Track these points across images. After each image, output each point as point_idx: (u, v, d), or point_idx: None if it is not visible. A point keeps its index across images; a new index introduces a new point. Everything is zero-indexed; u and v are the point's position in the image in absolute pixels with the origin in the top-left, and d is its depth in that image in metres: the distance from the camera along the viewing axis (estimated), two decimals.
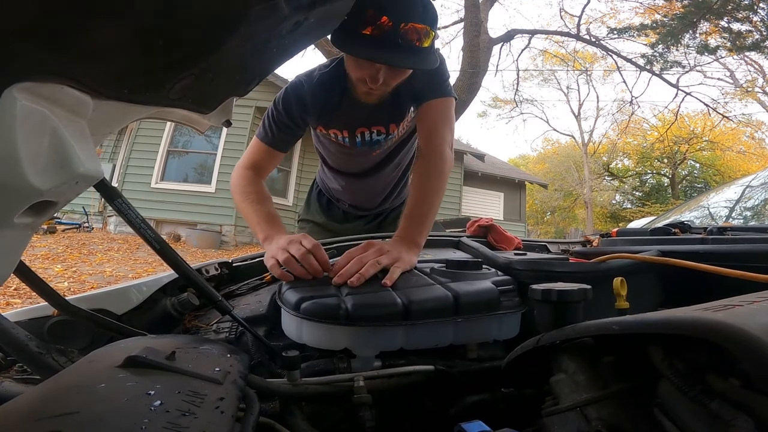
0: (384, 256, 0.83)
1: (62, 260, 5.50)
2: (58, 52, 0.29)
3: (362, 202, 1.61)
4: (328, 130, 1.25)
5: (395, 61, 0.93)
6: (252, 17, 0.36)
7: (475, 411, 0.64)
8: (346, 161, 1.42)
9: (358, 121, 1.22)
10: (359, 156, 1.35)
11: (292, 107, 1.17)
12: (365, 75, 1.00)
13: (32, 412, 0.34)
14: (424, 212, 1.01)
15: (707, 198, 2.02)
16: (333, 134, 1.25)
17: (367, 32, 0.88)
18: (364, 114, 1.19)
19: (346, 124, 1.22)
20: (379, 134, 1.25)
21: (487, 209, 12.81)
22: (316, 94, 1.15)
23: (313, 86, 1.15)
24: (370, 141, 1.26)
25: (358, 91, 1.09)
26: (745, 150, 19.84)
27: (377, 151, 1.34)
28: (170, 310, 0.78)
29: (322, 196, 1.70)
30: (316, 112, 1.18)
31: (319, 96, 1.16)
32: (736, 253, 0.80)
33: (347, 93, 1.15)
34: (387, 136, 1.26)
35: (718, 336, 0.31)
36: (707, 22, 9.13)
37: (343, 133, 1.24)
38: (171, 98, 0.41)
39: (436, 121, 1.12)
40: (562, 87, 21.34)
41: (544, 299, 0.54)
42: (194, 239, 7.91)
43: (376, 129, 1.24)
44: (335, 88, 1.15)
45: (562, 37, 11.79)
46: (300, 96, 1.16)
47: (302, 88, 1.16)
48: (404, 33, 0.89)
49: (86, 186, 0.36)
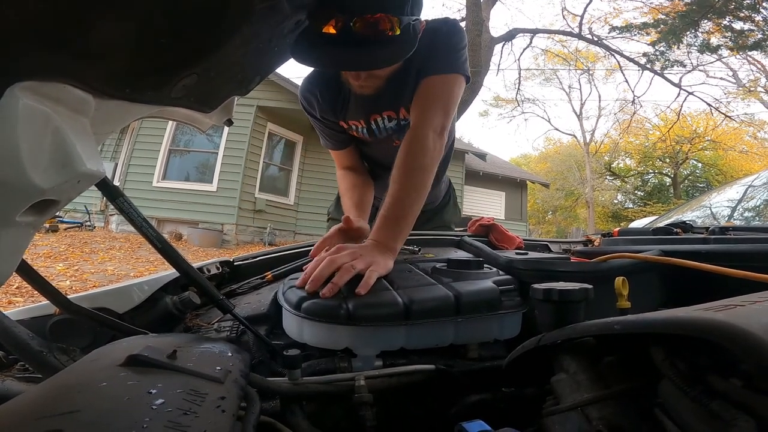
0: (358, 260, 0.76)
1: (64, 259, 5.52)
2: (60, 51, 0.29)
3: None
4: (348, 123, 1.25)
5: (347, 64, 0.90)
6: (254, 17, 0.36)
7: (476, 410, 0.64)
8: (374, 151, 1.41)
9: (369, 109, 1.18)
10: (381, 144, 1.30)
11: (314, 110, 1.20)
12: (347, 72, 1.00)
13: (34, 411, 0.34)
14: (399, 213, 0.91)
15: (709, 198, 2.02)
16: (353, 125, 1.25)
17: (327, 31, 0.79)
18: (372, 101, 1.14)
19: (361, 113, 1.20)
20: (390, 119, 1.19)
21: (489, 208, 12.80)
22: (322, 91, 1.16)
23: (322, 85, 1.16)
24: (385, 128, 1.22)
25: (352, 86, 1.07)
26: (747, 150, 19.79)
27: (396, 142, 1.26)
28: (171, 308, 0.78)
29: None
30: (330, 108, 1.19)
31: (325, 92, 1.16)
32: (738, 253, 0.80)
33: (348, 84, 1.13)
34: (399, 122, 1.19)
35: (719, 336, 0.31)
36: (709, 21, 9.11)
37: (360, 123, 1.23)
38: (173, 97, 0.41)
39: (426, 100, 1.02)
40: (564, 86, 21.35)
41: (545, 299, 0.54)
42: (196, 238, 7.92)
43: (386, 114, 1.18)
44: (341, 83, 1.13)
45: (564, 37, 11.77)
46: (309, 99, 1.19)
47: (314, 91, 1.17)
48: (364, 26, 0.79)
49: (88, 185, 0.37)
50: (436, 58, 1.02)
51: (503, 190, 13.56)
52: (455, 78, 1.03)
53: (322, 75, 1.15)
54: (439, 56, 1.02)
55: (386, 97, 1.12)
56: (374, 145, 1.33)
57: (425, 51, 0.99)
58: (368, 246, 0.84)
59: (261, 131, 8.86)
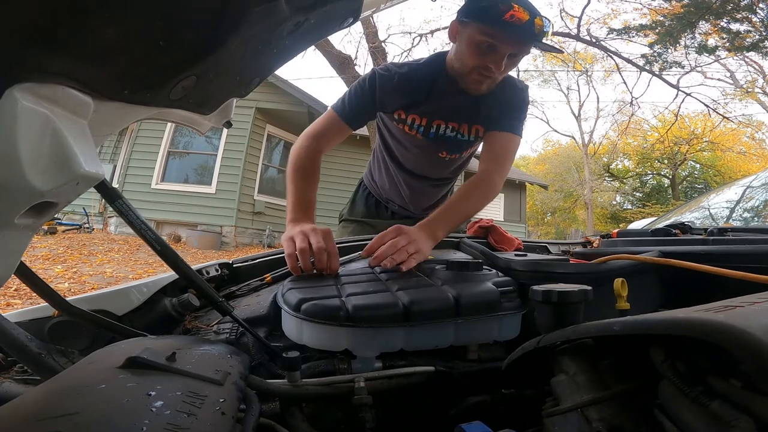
0: (411, 244, 0.89)
1: (63, 261, 5.51)
2: (59, 52, 0.29)
3: (410, 205, 1.65)
4: (407, 115, 1.31)
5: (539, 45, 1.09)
6: (253, 18, 0.36)
7: (476, 412, 0.64)
8: (412, 156, 1.48)
9: (438, 113, 1.30)
10: (426, 151, 1.41)
11: (377, 87, 1.24)
12: (488, 62, 1.10)
13: (33, 413, 0.34)
14: (455, 212, 1.08)
15: (708, 199, 2.02)
16: (411, 119, 1.31)
17: (507, 18, 1.01)
18: (445, 107, 1.28)
19: (426, 112, 1.30)
20: (452, 130, 1.33)
21: (488, 210, 12.79)
22: (406, 79, 1.24)
23: (404, 73, 1.24)
24: (442, 136, 1.33)
25: (468, 81, 1.17)
26: (745, 151, 19.84)
27: (443, 153, 1.41)
28: (171, 311, 0.78)
29: (370, 197, 1.75)
30: (400, 96, 1.26)
31: (409, 82, 1.23)
32: (737, 253, 0.80)
33: (438, 85, 1.24)
34: (457, 135, 1.34)
35: (719, 337, 0.31)
36: (706, 23, 9.14)
37: (421, 120, 1.31)
38: (172, 99, 0.41)
39: (503, 152, 1.24)
40: (563, 88, 21.41)
41: (544, 300, 0.54)
42: (195, 240, 7.91)
43: (451, 125, 1.32)
44: (426, 79, 1.24)
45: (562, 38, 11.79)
46: (388, 78, 1.24)
47: (392, 72, 1.24)
48: (537, 26, 1.04)
49: (87, 187, 0.36)
50: (516, 119, 1.25)
51: (502, 191, 13.50)
52: (519, 139, 1.26)
53: (415, 69, 1.25)
54: (519, 117, 1.26)
55: (463, 110, 1.29)
56: (417, 149, 1.42)
57: (506, 102, 1.24)
58: (419, 229, 0.98)
59: (260, 133, 8.87)
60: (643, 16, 10.97)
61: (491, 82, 1.16)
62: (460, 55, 1.16)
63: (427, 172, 1.53)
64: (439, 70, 1.24)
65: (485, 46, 1.08)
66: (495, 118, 1.25)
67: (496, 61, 1.10)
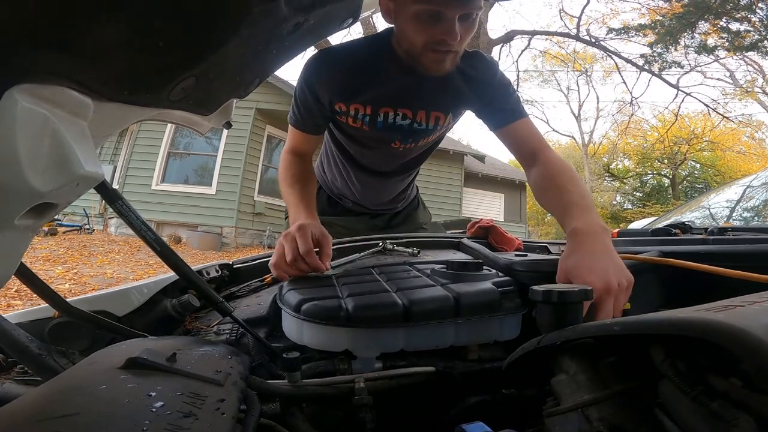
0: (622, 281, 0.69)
1: (63, 262, 5.51)
2: (58, 53, 0.29)
3: (366, 202, 1.55)
4: (348, 106, 1.14)
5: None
6: (252, 18, 0.36)
7: (476, 412, 0.64)
8: (360, 148, 1.31)
9: (384, 100, 1.13)
10: (376, 142, 1.25)
11: (314, 83, 1.09)
12: (438, 34, 0.91)
13: (33, 414, 0.34)
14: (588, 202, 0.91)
15: (708, 198, 2.02)
16: (353, 110, 1.14)
17: None
18: (393, 92, 1.11)
19: (371, 100, 1.13)
20: (404, 118, 1.15)
21: (488, 210, 12.80)
22: (341, 66, 1.08)
23: (337, 59, 1.09)
24: (392, 125, 1.16)
25: (426, 62, 0.97)
26: (745, 150, 19.85)
27: (396, 143, 1.23)
28: (171, 311, 0.78)
29: (322, 193, 1.60)
30: (337, 85, 1.10)
31: (344, 68, 1.08)
32: (737, 253, 0.80)
33: (383, 68, 1.08)
34: (412, 123, 1.16)
35: (719, 336, 0.31)
36: (706, 22, 9.14)
37: (366, 109, 1.14)
38: (171, 100, 0.41)
39: (535, 136, 1.12)
40: (562, 88, 21.42)
41: (544, 300, 0.54)
42: (195, 241, 7.92)
43: (402, 111, 1.14)
44: (368, 62, 1.08)
45: (562, 38, 11.81)
46: (321, 69, 1.09)
47: (323, 60, 1.09)
48: None
49: (87, 188, 0.36)
50: (516, 102, 1.13)
51: (502, 191, 13.56)
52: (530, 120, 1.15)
53: (352, 53, 1.10)
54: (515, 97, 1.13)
55: (414, 94, 1.12)
56: (366, 139, 1.25)
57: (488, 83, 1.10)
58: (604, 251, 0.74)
59: (260, 134, 8.87)
60: (642, 16, 11.00)
61: (453, 56, 0.97)
62: (404, 34, 0.97)
63: (378, 166, 1.37)
64: (382, 51, 1.07)
65: (426, 15, 0.89)
66: (494, 109, 1.11)
67: (448, 30, 0.89)
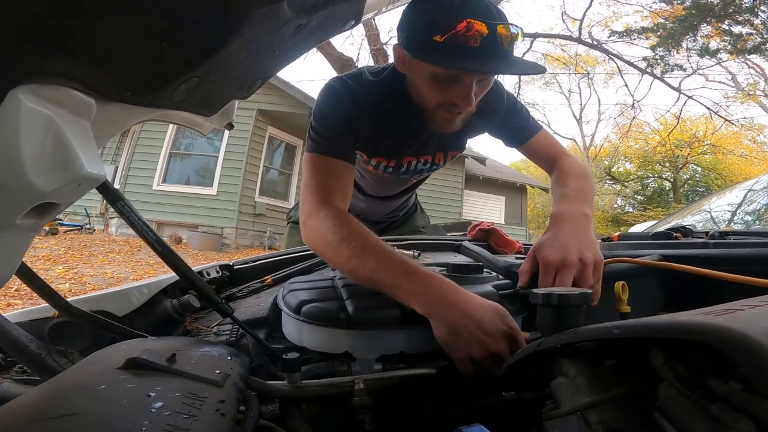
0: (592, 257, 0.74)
1: (63, 262, 5.52)
2: (62, 54, 0.29)
3: (369, 216, 1.53)
4: (371, 158, 1.04)
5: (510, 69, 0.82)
6: (255, 20, 0.36)
7: (476, 415, 0.64)
8: (374, 186, 1.29)
9: (409, 152, 1.06)
10: (393, 182, 1.23)
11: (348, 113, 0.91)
12: (452, 97, 0.82)
13: (32, 413, 0.34)
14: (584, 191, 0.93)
15: (709, 202, 2.02)
16: (375, 162, 1.06)
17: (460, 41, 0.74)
18: (417, 145, 1.04)
19: (395, 155, 1.05)
20: (425, 164, 1.13)
21: (489, 213, 12.80)
22: (369, 124, 0.94)
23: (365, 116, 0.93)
24: (413, 170, 1.14)
25: (437, 120, 0.89)
26: (747, 154, 19.82)
27: (412, 180, 1.25)
28: (171, 312, 0.78)
29: None
30: (365, 141, 0.98)
31: (371, 126, 0.94)
32: (738, 257, 0.80)
33: (404, 126, 0.97)
34: (431, 166, 1.15)
35: (719, 340, 0.31)
36: (708, 25, 9.15)
37: (390, 162, 1.06)
38: (174, 100, 0.41)
39: (554, 145, 1.12)
40: (564, 91, 21.45)
41: (545, 303, 0.54)
42: (195, 241, 7.92)
43: (423, 158, 1.11)
44: (394, 123, 0.96)
45: (563, 41, 11.82)
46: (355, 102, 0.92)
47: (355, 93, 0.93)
48: (503, 37, 0.76)
49: (89, 188, 0.37)
50: (526, 118, 1.11)
51: (503, 194, 13.56)
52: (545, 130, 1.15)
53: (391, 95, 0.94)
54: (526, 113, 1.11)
55: (434, 139, 1.07)
56: (382, 180, 1.22)
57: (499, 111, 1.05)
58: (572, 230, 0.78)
59: (261, 135, 8.88)
60: (644, 19, 11.00)
61: (465, 116, 0.88)
62: (417, 89, 0.88)
63: (386, 192, 1.37)
64: (400, 96, 0.93)
65: (444, 77, 0.81)
66: (509, 130, 1.10)
67: (464, 95, 0.81)
